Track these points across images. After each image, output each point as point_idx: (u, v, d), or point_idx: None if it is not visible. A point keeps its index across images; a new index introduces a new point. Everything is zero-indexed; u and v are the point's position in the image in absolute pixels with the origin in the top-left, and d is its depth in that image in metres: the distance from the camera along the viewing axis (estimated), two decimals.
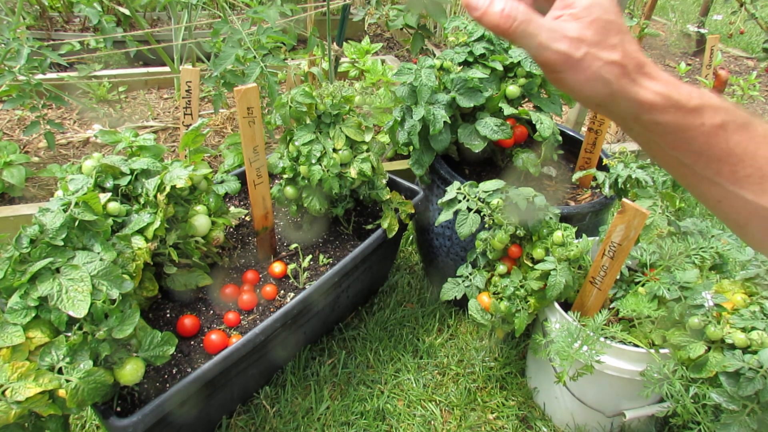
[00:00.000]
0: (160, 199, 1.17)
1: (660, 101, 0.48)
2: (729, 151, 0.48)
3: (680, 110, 0.48)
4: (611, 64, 0.47)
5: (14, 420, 0.88)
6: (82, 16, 3.01)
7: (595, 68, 0.47)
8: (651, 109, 0.48)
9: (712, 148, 0.48)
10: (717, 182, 0.50)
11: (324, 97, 1.42)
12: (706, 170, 0.50)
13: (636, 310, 1.21)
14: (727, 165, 0.49)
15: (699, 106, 0.48)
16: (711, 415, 1.09)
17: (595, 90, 0.48)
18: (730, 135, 0.48)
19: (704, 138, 0.48)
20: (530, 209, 1.36)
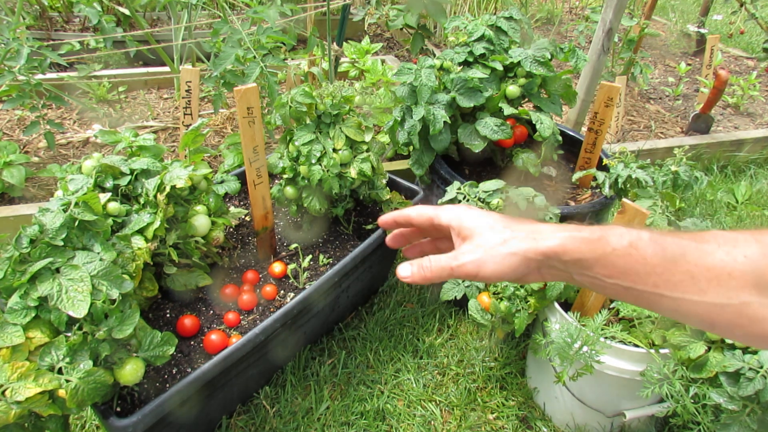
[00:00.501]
0: (160, 199, 1.17)
1: (568, 242, 0.56)
2: (650, 263, 0.53)
3: (589, 243, 0.55)
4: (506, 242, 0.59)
5: (14, 420, 0.87)
6: (82, 16, 3.01)
7: (498, 253, 0.59)
8: (565, 251, 0.56)
9: (634, 265, 0.54)
10: (662, 294, 0.54)
11: (324, 97, 1.42)
12: (645, 286, 0.54)
13: (636, 310, 1.21)
14: (656, 276, 0.53)
15: (602, 236, 0.55)
16: (711, 415, 1.09)
17: (512, 264, 0.58)
18: (642, 251, 0.54)
19: (622, 260, 0.54)
20: (530, 209, 1.36)
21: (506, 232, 0.59)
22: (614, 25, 2.00)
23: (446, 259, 0.61)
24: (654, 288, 0.54)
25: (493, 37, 1.62)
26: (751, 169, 2.73)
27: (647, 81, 3.37)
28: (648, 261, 0.53)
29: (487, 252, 0.59)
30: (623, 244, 0.54)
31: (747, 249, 0.51)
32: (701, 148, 2.65)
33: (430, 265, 0.62)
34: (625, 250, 0.54)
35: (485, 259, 0.58)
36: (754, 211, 2.39)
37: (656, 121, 2.98)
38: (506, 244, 0.58)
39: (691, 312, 0.54)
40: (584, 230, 0.57)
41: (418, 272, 0.63)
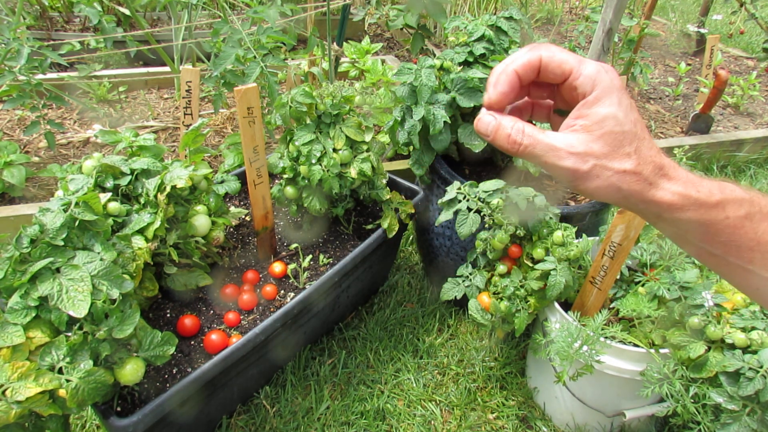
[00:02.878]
0: (160, 199, 1.17)
1: (679, 200, 0.49)
2: (758, 239, 0.49)
3: (702, 206, 0.49)
4: (623, 172, 0.49)
5: (14, 420, 0.88)
6: (82, 16, 3.01)
7: (605, 177, 0.49)
8: (670, 209, 0.50)
9: (741, 238, 0.49)
10: (751, 270, 0.50)
11: (324, 97, 1.42)
12: (739, 260, 0.50)
13: (636, 310, 1.21)
14: (758, 253, 0.49)
15: (721, 201, 0.49)
16: (711, 414, 1.09)
17: (609, 195, 0.50)
18: (756, 224, 0.49)
19: (731, 230, 0.49)
20: (530, 209, 1.36)
21: (632, 160, 0.49)
22: (614, 25, 2.00)
23: (546, 147, 0.49)
24: (748, 263, 0.50)
25: (493, 37, 1.62)
26: (751, 169, 2.73)
27: (647, 81, 3.37)
28: (757, 237, 0.49)
29: (597, 169, 0.49)
30: (739, 215, 0.49)
31: None
32: (701, 148, 2.65)
33: (522, 141, 0.50)
34: (738, 221, 0.49)
35: (590, 176, 0.49)
36: None
37: (656, 121, 2.98)
38: (622, 176, 0.49)
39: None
40: (702, 189, 0.50)
41: (501, 137, 0.51)
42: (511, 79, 0.52)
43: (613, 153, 0.49)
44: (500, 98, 0.52)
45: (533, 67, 0.51)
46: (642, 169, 0.49)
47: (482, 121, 0.52)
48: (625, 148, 0.49)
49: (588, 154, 0.49)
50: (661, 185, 0.50)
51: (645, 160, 0.49)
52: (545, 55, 0.51)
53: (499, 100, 0.52)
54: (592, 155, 0.49)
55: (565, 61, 0.51)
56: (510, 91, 0.52)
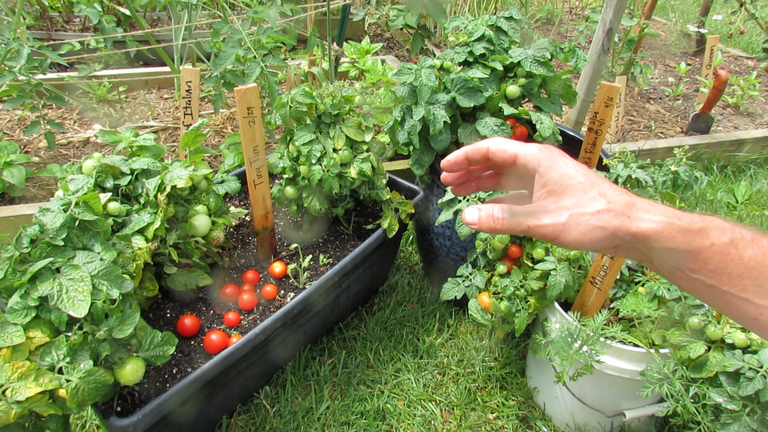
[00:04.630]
0: (160, 199, 1.17)
1: (664, 228, 0.51)
2: (745, 265, 0.50)
3: (687, 233, 0.51)
4: (598, 213, 0.52)
5: (15, 420, 0.88)
6: (82, 16, 3.02)
7: (584, 222, 0.52)
8: (658, 237, 0.51)
9: (728, 265, 0.50)
10: (746, 299, 0.51)
11: (324, 97, 1.42)
12: (732, 288, 0.51)
13: (636, 310, 1.21)
14: (748, 279, 0.50)
15: (703, 228, 0.51)
16: (711, 414, 1.09)
17: (596, 237, 0.52)
18: (742, 251, 0.50)
19: (718, 257, 0.50)
20: None
21: (600, 201, 0.52)
22: (614, 25, 2.00)
23: (524, 213, 0.55)
24: (741, 291, 0.51)
25: (493, 37, 1.62)
26: (751, 169, 2.73)
27: (647, 81, 3.37)
28: (744, 263, 0.50)
29: (573, 218, 0.52)
30: (723, 241, 0.51)
31: None
32: (701, 148, 2.65)
33: (503, 216, 0.56)
34: (724, 247, 0.50)
35: (570, 226, 0.53)
36: (754, 211, 2.39)
37: (656, 121, 2.98)
38: (598, 216, 0.52)
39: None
40: (683, 217, 0.52)
41: (486, 221, 0.57)
42: (459, 156, 0.64)
43: (581, 201, 0.53)
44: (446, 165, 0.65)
45: (481, 152, 0.61)
46: (614, 206, 0.52)
47: (468, 212, 0.59)
48: (589, 194, 0.53)
49: (561, 208, 0.53)
50: (640, 217, 0.52)
51: (613, 199, 0.53)
52: (492, 144, 0.60)
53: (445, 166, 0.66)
54: (564, 208, 0.53)
55: (507, 148, 0.59)
56: (454, 164, 0.64)
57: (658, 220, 0.51)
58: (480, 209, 0.57)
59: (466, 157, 0.63)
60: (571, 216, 0.53)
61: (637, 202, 0.53)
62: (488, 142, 0.61)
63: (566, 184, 0.54)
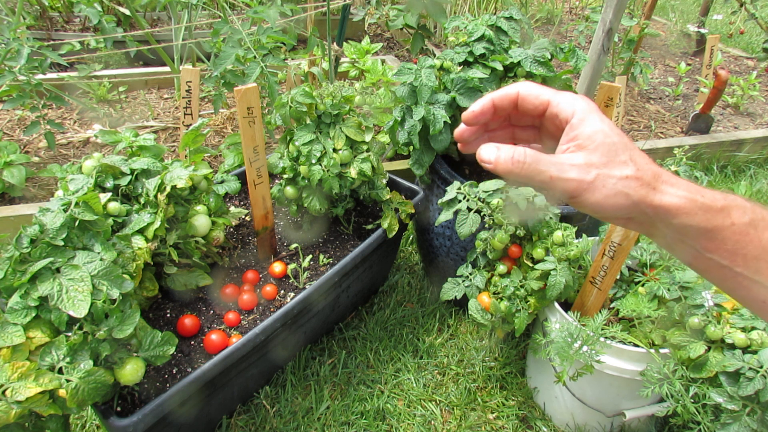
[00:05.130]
0: (160, 199, 1.17)
1: (686, 204, 0.49)
2: (763, 247, 0.49)
3: (708, 211, 0.49)
4: (626, 178, 0.50)
5: (15, 420, 0.88)
6: (82, 16, 3.01)
7: (611, 185, 0.50)
8: (678, 213, 0.49)
9: (746, 246, 0.49)
10: (758, 282, 0.50)
11: (324, 97, 1.42)
12: (746, 269, 0.50)
13: (636, 310, 1.21)
14: (764, 262, 0.49)
15: (725, 206, 0.50)
16: (711, 414, 1.09)
17: (618, 204, 0.50)
18: (761, 233, 0.49)
19: (737, 237, 0.49)
20: (530, 209, 1.36)
21: (630, 166, 0.50)
22: (614, 25, 2.00)
23: (549, 162, 0.50)
24: (755, 274, 0.50)
25: (493, 37, 1.62)
26: (751, 169, 2.73)
27: (647, 81, 3.37)
28: (762, 245, 0.49)
29: (600, 179, 0.50)
30: (744, 221, 0.49)
31: None
32: (701, 148, 2.65)
33: (524, 159, 0.51)
34: (743, 227, 0.49)
35: (595, 186, 0.50)
36: None
37: (656, 120, 2.98)
38: (626, 182, 0.49)
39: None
40: (706, 194, 0.50)
41: (504, 162, 0.51)
42: (485, 104, 0.57)
43: (612, 162, 0.50)
44: (470, 117, 0.58)
45: (510, 98, 0.56)
46: (642, 174, 0.50)
47: (484, 150, 0.53)
48: (620, 157, 0.50)
49: (590, 165, 0.50)
50: (665, 190, 0.50)
51: (642, 167, 0.50)
52: (522, 89, 0.56)
53: (469, 118, 0.59)
54: (593, 165, 0.50)
55: (541, 94, 0.55)
56: (480, 114, 0.58)
57: (682, 195, 0.49)
58: (499, 148, 0.52)
59: (493, 104, 0.58)
60: (599, 175, 0.50)
61: (662, 174, 0.51)
62: (518, 86, 0.56)
63: (600, 141, 0.51)
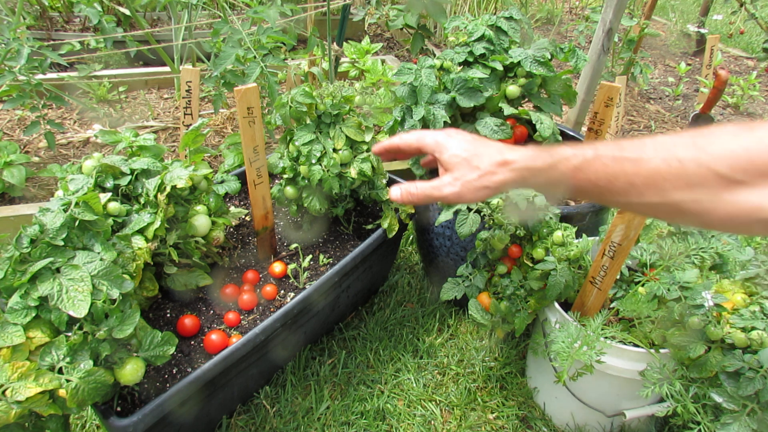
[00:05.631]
0: (160, 199, 1.17)
1: (524, 174, 0.70)
2: (594, 183, 0.64)
3: (543, 172, 0.68)
4: (478, 178, 0.73)
5: (15, 420, 0.88)
6: (82, 16, 3.02)
7: (472, 187, 0.73)
8: (524, 181, 0.71)
9: (584, 184, 0.65)
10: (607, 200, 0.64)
11: (324, 97, 1.42)
12: (591, 198, 0.66)
13: (636, 310, 1.21)
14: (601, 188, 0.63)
15: (552, 164, 0.67)
16: (711, 414, 1.09)
17: (484, 195, 0.73)
18: (586, 173, 0.64)
19: (572, 181, 0.66)
20: (530, 209, 1.36)
21: (475, 171, 0.73)
22: (614, 25, 2.00)
23: (430, 188, 0.76)
24: (600, 195, 0.64)
25: (493, 37, 1.62)
26: None
27: (647, 81, 3.37)
28: (592, 180, 0.64)
29: (464, 186, 0.73)
30: (570, 168, 0.66)
31: (683, 152, 0.58)
32: None
33: (416, 191, 0.78)
34: (572, 173, 0.65)
35: (463, 192, 0.73)
36: None
37: (656, 121, 2.98)
38: (480, 180, 0.72)
39: (637, 209, 0.66)
40: (539, 159, 0.68)
41: (406, 195, 0.79)
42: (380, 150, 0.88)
43: (465, 173, 0.74)
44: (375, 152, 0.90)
45: (394, 147, 0.85)
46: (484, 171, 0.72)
47: (392, 190, 0.81)
48: (469, 166, 0.74)
49: (456, 180, 0.74)
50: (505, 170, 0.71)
51: (483, 167, 0.72)
52: (401, 140, 0.84)
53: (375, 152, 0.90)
54: (457, 179, 0.74)
55: (410, 140, 0.82)
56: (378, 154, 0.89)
57: (519, 168, 0.70)
58: (401, 188, 0.80)
59: (385, 149, 0.87)
60: (463, 185, 0.73)
61: (507, 156, 0.71)
62: (398, 139, 0.84)
63: (455, 162, 0.75)
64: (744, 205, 0.56)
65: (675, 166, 0.58)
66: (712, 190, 0.57)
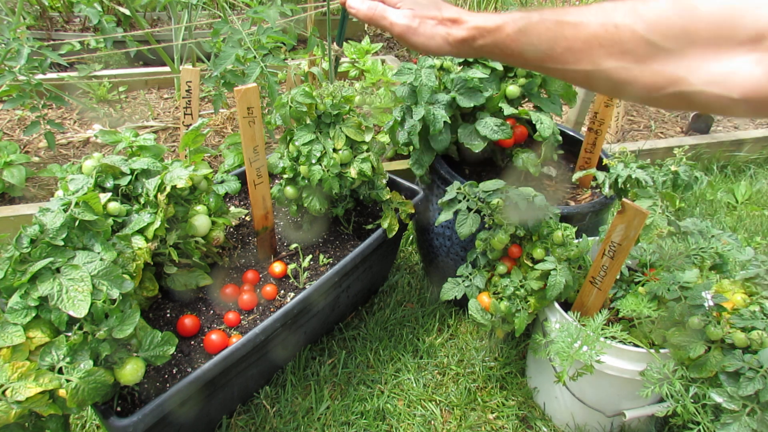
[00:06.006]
0: (160, 199, 1.17)
1: (473, 33, 0.71)
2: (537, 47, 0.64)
3: (489, 33, 0.70)
4: (437, 23, 0.74)
5: (15, 420, 0.88)
6: (82, 16, 3.02)
7: (428, 28, 0.74)
8: (472, 39, 0.71)
9: (525, 46, 0.66)
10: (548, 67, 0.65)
11: (324, 97, 1.42)
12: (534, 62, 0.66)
13: (636, 310, 1.21)
14: (543, 53, 0.64)
15: (500, 26, 0.68)
16: (711, 414, 1.09)
17: (436, 43, 0.74)
18: (529, 36, 0.65)
19: (515, 43, 0.67)
20: (530, 209, 1.36)
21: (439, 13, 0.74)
22: None
23: (391, 11, 0.77)
24: (541, 62, 0.65)
25: None
26: (751, 168, 2.73)
27: None
28: (534, 44, 0.65)
29: (419, 25, 0.75)
30: (515, 29, 0.67)
31: (621, 18, 0.57)
32: (701, 148, 2.65)
33: (376, 9, 0.79)
34: (516, 35, 0.67)
35: (413, 31, 0.75)
36: (754, 211, 2.39)
37: (656, 120, 2.98)
38: (437, 27, 0.74)
39: (572, 78, 0.66)
40: (489, 20, 0.70)
41: (364, 9, 0.81)
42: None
43: (426, 12, 0.74)
44: None
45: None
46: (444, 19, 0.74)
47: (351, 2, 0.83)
48: (432, 9, 0.75)
49: (414, 15, 0.75)
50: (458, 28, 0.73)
51: (444, 15, 0.74)
52: None
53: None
54: (417, 15, 0.75)
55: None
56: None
57: (469, 27, 0.72)
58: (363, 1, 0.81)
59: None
60: (421, 22, 0.74)
61: (460, 17, 0.73)
62: None
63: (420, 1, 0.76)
64: (667, 75, 0.55)
65: (611, 31, 0.57)
66: (641, 58, 0.56)
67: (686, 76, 0.54)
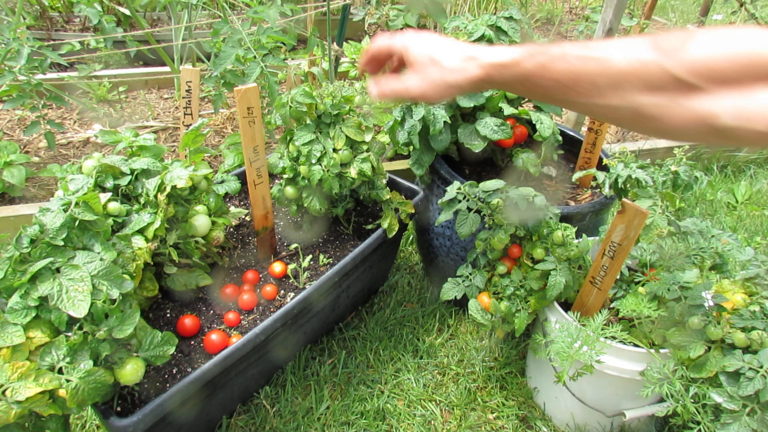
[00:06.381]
0: (160, 199, 1.17)
1: (492, 71, 0.70)
2: (559, 81, 0.64)
3: (507, 68, 0.69)
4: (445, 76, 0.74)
5: (15, 420, 0.88)
6: (82, 16, 3.01)
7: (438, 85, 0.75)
8: (490, 79, 0.71)
9: (547, 83, 0.65)
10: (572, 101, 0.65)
11: (324, 97, 1.42)
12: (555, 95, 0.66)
13: (636, 310, 1.21)
14: (567, 88, 0.64)
15: (518, 61, 0.68)
16: (711, 414, 1.09)
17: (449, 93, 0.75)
18: (551, 72, 0.65)
19: (539, 80, 0.66)
20: (530, 209, 1.36)
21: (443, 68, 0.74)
22: (614, 25, 2.00)
23: (397, 83, 0.79)
24: (564, 96, 0.65)
25: (493, 37, 1.62)
26: (751, 169, 2.73)
27: None
28: (556, 79, 0.64)
29: (430, 84, 0.76)
30: (535, 65, 0.66)
31: (646, 55, 0.58)
32: (701, 148, 2.65)
33: (387, 88, 0.81)
34: (537, 71, 0.66)
35: (428, 90, 0.76)
36: (754, 211, 2.39)
37: None
38: (445, 78, 0.74)
39: (596, 113, 0.66)
40: (504, 55, 0.69)
41: (378, 89, 0.82)
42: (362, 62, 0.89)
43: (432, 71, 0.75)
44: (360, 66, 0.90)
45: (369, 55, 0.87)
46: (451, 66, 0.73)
47: (369, 89, 0.83)
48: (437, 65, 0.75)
49: (422, 79, 0.76)
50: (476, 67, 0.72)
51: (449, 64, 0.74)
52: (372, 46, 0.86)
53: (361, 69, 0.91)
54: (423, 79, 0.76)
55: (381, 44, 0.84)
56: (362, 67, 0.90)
57: (485, 66, 0.71)
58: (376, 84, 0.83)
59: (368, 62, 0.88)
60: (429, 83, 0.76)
61: (471, 53, 0.72)
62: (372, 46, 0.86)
63: (421, 62, 0.77)
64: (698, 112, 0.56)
65: (638, 67, 0.58)
66: (670, 95, 0.57)
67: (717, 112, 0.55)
